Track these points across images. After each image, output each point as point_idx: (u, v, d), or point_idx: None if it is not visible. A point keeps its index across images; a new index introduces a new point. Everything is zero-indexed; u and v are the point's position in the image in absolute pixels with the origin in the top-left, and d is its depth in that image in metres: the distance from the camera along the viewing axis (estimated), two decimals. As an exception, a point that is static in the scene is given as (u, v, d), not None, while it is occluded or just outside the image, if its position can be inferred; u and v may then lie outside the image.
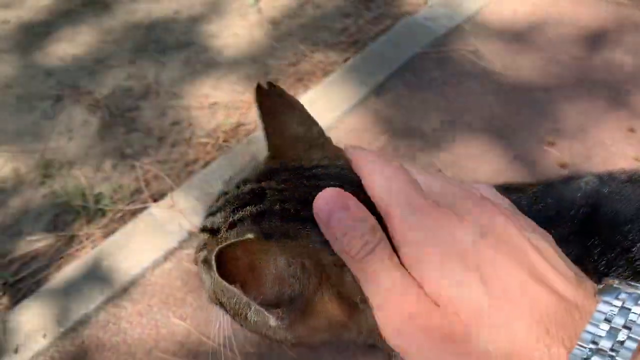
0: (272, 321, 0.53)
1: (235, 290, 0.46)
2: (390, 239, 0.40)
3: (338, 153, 0.61)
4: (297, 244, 0.50)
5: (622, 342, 0.32)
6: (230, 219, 0.55)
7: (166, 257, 1.75)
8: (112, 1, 2.72)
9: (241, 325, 0.61)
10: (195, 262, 0.63)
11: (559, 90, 2.14)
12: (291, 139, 0.61)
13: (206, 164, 2.01)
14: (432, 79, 2.21)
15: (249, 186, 0.58)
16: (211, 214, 0.59)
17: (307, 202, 0.52)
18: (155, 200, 1.90)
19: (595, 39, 2.31)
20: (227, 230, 0.54)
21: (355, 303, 0.51)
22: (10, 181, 2.04)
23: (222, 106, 2.21)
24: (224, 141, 2.08)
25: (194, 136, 2.11)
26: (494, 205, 0.40)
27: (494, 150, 1.97)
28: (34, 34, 2.62)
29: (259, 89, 0.61)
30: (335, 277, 0.50)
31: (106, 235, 1.83)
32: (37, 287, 1.74)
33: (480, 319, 0.34)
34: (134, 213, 1.89)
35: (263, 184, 0.57)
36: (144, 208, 1.88)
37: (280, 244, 0.50)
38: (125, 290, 1.69)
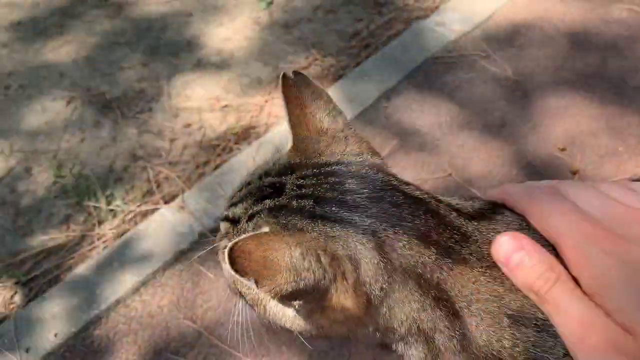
0: (290, 312, 0.55)
1: (249, 284, 0.47)
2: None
3: (362, 147, 0.62)
4: (312, 238, 0.52)
5: None
6: (250, 211, 0.57)
7: (177, 258, 1.76)
8: (125, 3, 2.74)
9: (260, 315, 0.63)
10: (216, 251, 0.65)
11: (571, 96, 2.13)
12: (315, 131, 0.61)
13: (217, 166, 2.01)
14: (443, 83, 2.21)
15: (269, 179, 0.59)
16: (233, 204, 0.60)
17: (325, 200, 0.55)
18: (166, 202, 1.91)
19: (609, 46, 2.31)
20: (246, 222, 0.56)
21: (370, 298, 0.54)
22: (22, 181, 2.05)
23: (233, 109, 2.22)
24: (235, 144, 2.08)
25: (205, 138, 2.12)
26: None
27: (505, 156, 1.96)
28: (47, 35, 2.64)
29: (284, 79, 0.62)
30: (351, 271, 0.52)
31: (117, 235, 1.84)
32: (48, 286, 1.75)
33: None
34: (145, 214, 1.90)
35: (283, 178, 0.58)
36: (155, 209, 1.89)
37: (296, 237, 0.51)
38: (136, 291, 1.70)
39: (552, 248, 0.45)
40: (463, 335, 0.53)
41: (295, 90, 0.63)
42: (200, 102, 2.26)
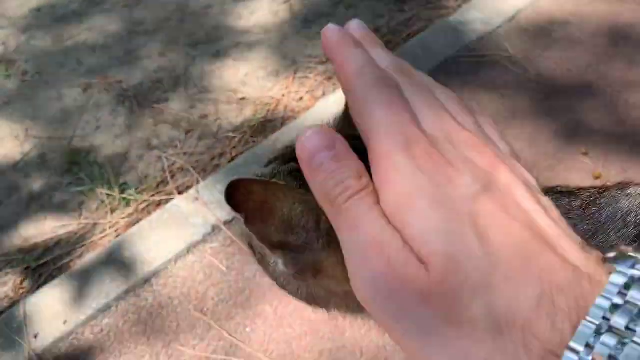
0: (280, 265, 0.53)
1: (239, 218, 0.45)
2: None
3: None
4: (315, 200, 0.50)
5: (638, 319, 0.26)
6: (276, 170, 0.56)
7: (189, 249, 1.73)
8: (145, -7, 2.73)
9: (265, 270, 0.61)
10: None
11: (595, 99, 2.08)
12: None
13: (232, 158, 1.99)
14: (464, 83, 2.17)
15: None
16: (267, 164, 0.59)
17: None
18: (180, 193, 1.89)
19: (637, 47, 2.26)
20: (277, 163, 0.56)
21: None
22: (36, 167, 2.04)
23: (250, 102, 2.19)
24: (251, 137, 2.06)
25: (221, 130, 2.10)
26: (498, 155, 0.34)
27: (525, 158, 1.92)
28: (66, 22, 2.63)
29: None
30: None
31: (130, 225, 1.82)
32: (59, 273, 1.73)
33: (473, 279, 0.28)
34: (158, 204, 1.88)
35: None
36: (169, 199, 1.87)
37: (305, 196, 0.47)
38: (147, 281, 1.68)
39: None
40: None
41: None
42: (217, 94, 2.24)
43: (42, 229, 1.86)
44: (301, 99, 2.18)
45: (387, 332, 0.32)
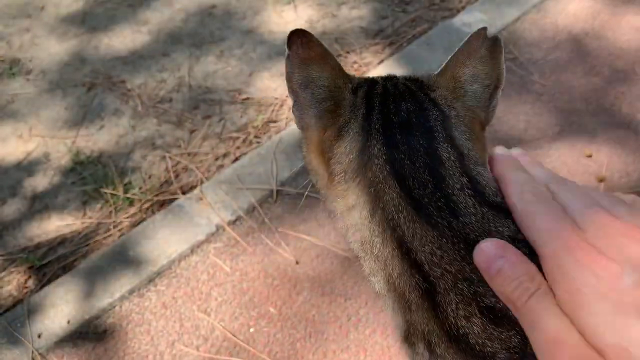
0: (296, 109, 0.62)
1: (285, 56, 0.57)
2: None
3: (466, 111, 0.64)
4: (343, 92, 0.59)
5: None
6: (354, 83, 0.63)
7: (193, 250, 1.73)
8: (149, -7, 2.73)
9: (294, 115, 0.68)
10: None
11: (597, 102, 2.08)
12: (456, 76, 0.65)
13: (236, 158, 1.99)
14: (468, 84, 2.17)
15: (387, 77, 0.66)
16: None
17: (384, 103, 0.59)
18: (184, 193, 1.89)
19: (638, 53, 2.26)
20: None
21: (332, 176, 0.57)
22: (40, 166, 2.04)
23: (254, 102, 2.19)
24: (255, 137, 2.06)
25: (225, 130, 2.10)
26: None
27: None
28: (70, 21, 2.63)
29: (481, 30, 0.63)
30: (331, 134, 0.56)
31: (134, 224, 1.82)
32: (63, 272, 1.73)
33: None
34: (162, 204, 1.88)
35: (391, 80, 0.64)
36: (173, 199, 1.87)
37: (339, 73, 0.59)
38: (150, 280, 1.68)
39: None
40: (431, 295, 0.50)
41: (477, 43, 0.64)
42: (221, 94, 2.24)
43: (46, 228, 1.86)
44: (305, 99, 2.18)
45: None
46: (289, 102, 2.18)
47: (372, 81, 0.62)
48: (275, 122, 2.11)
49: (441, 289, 0.48)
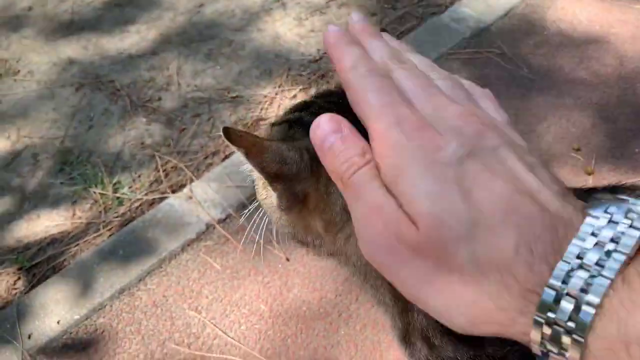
0: (274, 198, 0.60)
1: (240, 153, 0.54)
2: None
3: None
4: (300, 143, 0.57)
5: (608, 255, 0.30)
6: (282, 120, 0.65)
7: (183, 248, 1.73)
8: (137, -8, 2.72)
9: (262, 205, 0.69)
10: None
11: (587, 96, 2.09)
12: None
13: (226, 157, 1.99)
14: (457, 80, 2.18)
15: (311, 98, 0.67)
16: (284, 113, 0.67)
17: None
18: (173, 191, 1.89)
19: (627, 44, 2.27)
20: (276, 125, 0.64)
21: (335, 217, 0.57)
22: (29, 167, 2.03)
23: (243, 100, 2.19)
24: (245, 135, 2.05)
25: (214, 129, 2.10)
26: (485, 122, 0.37)
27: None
28: (57, 22, 2.62)
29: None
30: (325, 178, 0.55)
31: (123, 224, 1.82)
32: (52, 272, 1.72)
33: (457, 233, 0.32)
34: (152, 203, 1.87)
35: (317, 99, 0.65)
36: (163, 198, 1.86)
37: (287, 142, 0.57)
38: (141, 280, 1.68)
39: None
40: None
41: None
42: (210, 92, 2.23)
43: (35, 228, 1.85)
44: (294, 96, 2.18)
45: (392, 282, 0.37)
46: (279, 100, 2.18)
47: (304, 122, 0.61)
48: (264, 120, 2.10)
49: None
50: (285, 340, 1.54)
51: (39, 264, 1.76)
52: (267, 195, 0.64)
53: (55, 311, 1.62)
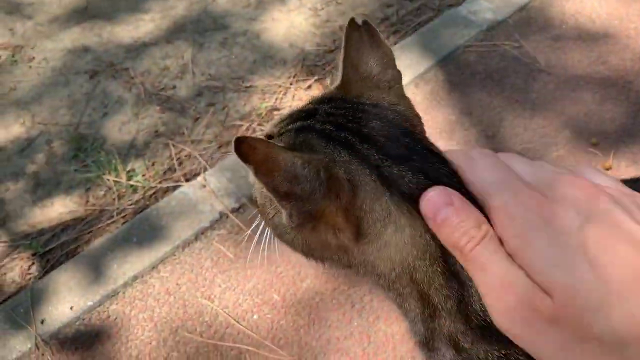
0: (284, 216, 0.56)
1: (249, 170, 0.49)
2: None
3: (401, 101, 0.65)
4: (318, 157, 0.54)
5: None
6: (283, 130, 0.61)
7: (197, 236, 1.73)
8: (152, -20, 2.71)
9: (268, 225, 0.66)
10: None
11: (605, 91, 2.07)
12: (362, 76, 0.65)
13: (240, 146, 1.98)
14: (473, 72, 2.16)
15: (309, 105, 0.64)
16: (276, 124, 0.64)
17: (344, 128, 0.59)
18: (187, 180, 1.88)
19: (645, 41, 2.23)
20: (277, 137, 0.60)
21: (361, 227, 0.55)
22: (43, 153, 2.03)
23: (258, 90, 2.18)
24: (259, 125, 2.05)
25: (228, 118, 2.09)
26: (595, 186, 0.38)
27: (535, 149, 1.91)
28: (72, 10, 2.62)
29: (352, 22, 0.65)
30: (347, 192, 0.53)
31: (137, 211, 1.82)
32: (66, 259, 1.73)
33: (592, 302, 0.33)
34: (165, 191, 1.87)
35: (319, 106, 0.62)
36: (176, 187, 1.86)
37: (304, 154, 0.54)
38: (154, 267, 1.67)
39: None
40: (461, 297, 0.52)
41: (357, 35, 0.66)
42: (225, 81, 2.22)
43: (48, 214, 1.85)
44: (309, 87, 2.17)
45: (527, 351, 0.37)
46: (292, 90, 2.17)
47: (316, 129, 0.58)
48: (278, 109, 2.09)
49: (471, 289, 0.51)
50: (298, 331, 1.54)
51: (53, 250, 1.76)
52: (275, 213, 0.61)
53: (68, 297, 1.63)
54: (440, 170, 0.53)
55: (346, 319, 1.55)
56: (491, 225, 0.40)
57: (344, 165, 0.55)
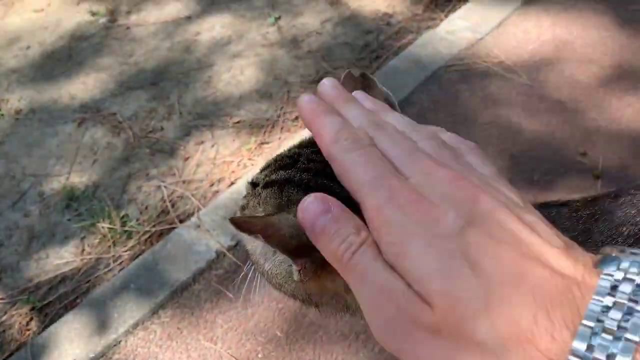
0: (295, 274, 0.55)
1: (258, 241, 0.48)
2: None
3: None
4: None
5: (630, 314, 0.28)
6: (267, 179, 0.60)
7: (195, 278, 1.72)
8: (133, 25, 2.74)
9: (261, 275, 0.65)
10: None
11: (589, 100, 2.09)
12: None
13: (232, 183, 1.98)
14: (457, 91, 2.18)
15: (294, 150, 0.62)
16: (262, 169, 0.63)
17: (323, 174, 0.56)
18: (182, 221, 1.88)
19: (624, 47, 2.27)
20: (262, 187, 0.59)
21: None
22: (35, 204, 2.03)
23: (245, 125, 2.19)
24: (249, 159, 2.05)
25: (218, 155, 2.10)
26: (476, 184, 0.35)
27: (523, 163, 1.92)
28: (56, 58, 2.64)
29: (348, 74, 0.64)
30: None
31: (133, 257, 1.81)
32: (65, 311, 1.71)
33: (473, 309, 0.31)
34: (160, 234, 1.86)
35: (303, 150, 0.60)
36: (171, 229, 1.86)
37: (291, 211, 0.52)
38: (154, 313, 1.66)
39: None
40: None
41: (353, 84, 0.65)
42: (212, 119, 2.24)
43: (44, 267, 1.84)
44: (296, 118, 2.18)
45: None
46: (281, 122, 2.18)
47: (295, 182, 0.57)
48: (268, 143, 2.11)
49: None
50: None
51: (51, 303, 1.75)
52: (284, 273, 0.59)
53: (70, 350, 1.61)
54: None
55: (352, 351, 1.54)
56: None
57: None
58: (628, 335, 0.28)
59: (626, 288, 0.29)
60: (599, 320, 0.29)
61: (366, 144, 0.39)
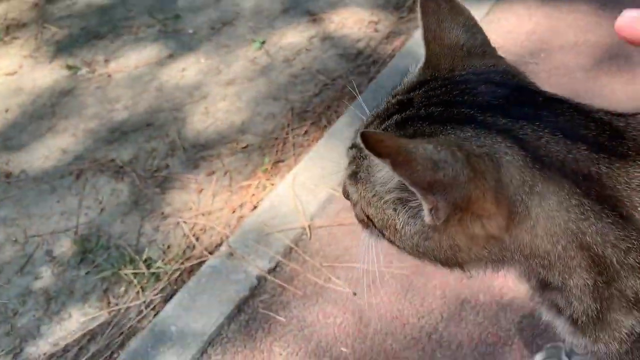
0: (427, 216, 0.50)
1: (385, 165, 0.45)
2: None
3: (499, 62, 0.60)
4: (443, 138, 0.51)
5: None
6: (377, 129, 0.57)
7: (240, 308, 1.59)
8: (114, 72, 2.64)
9: (390, 240, 0.60)
10: (344, 181, 0.64)
11: (581, 85, 2.09)
12: (450, 46, 0.60)
13: (254, 206, 1.87)
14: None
15: (397, 98, 0.59)
16: (362, 130, 0.57)
17: (454, 104, 0.54)
18: (211, 253, 1.75)
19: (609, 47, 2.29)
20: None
21: (513, 206, 0.49)
22: (46, 265, 1.87)
23: (255, 148, 2.10)
24: (267, 180, 1.95)
25: (233, 182, 1.99)
26: None
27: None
28: (39, 117, 2.51)
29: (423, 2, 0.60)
30: (491, 170, 0.47)
31: (167, 298, 1.67)
32: (102, 370, 1.55)
33: None
34: (191, 270, 1.73)
35: (411, 94, 0.57)
36: (201, 262, 1.73)
37: (425, 138, 0.51)
38: (203, 352, 1.52)
39: None
40: None
41: (434, 5, 0.61)
42: (219, 148, 2.14)
43: (69, 327, 1.68)
44: (306, 133, 2.10)
45: None
46: (291, 139, 2.10)
47: (421, 116, 0.55)
48: (283, 161, 2.01)
49: None
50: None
51: (84, 364, 1.58)
52: (407, 219, 0.55)
53: (116, 411, 1.44)
54: (576, 121, 0.51)
55: (427, 354, 1.42)
56: None
57: (473, 141, 0.50)
58: None
59: None
60: None
61: None
